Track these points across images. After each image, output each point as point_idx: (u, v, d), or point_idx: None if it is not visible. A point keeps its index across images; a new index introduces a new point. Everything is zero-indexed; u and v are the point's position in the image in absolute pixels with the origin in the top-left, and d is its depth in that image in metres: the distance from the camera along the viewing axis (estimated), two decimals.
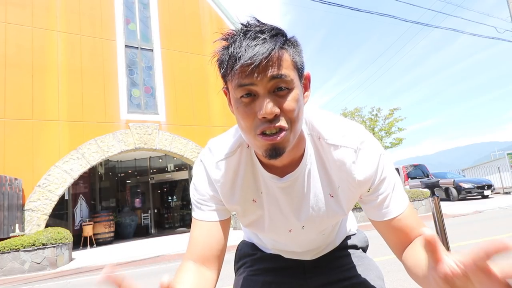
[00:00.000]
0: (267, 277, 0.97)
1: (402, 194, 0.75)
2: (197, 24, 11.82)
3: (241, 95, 0.63)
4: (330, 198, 0.77)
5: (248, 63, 0.58)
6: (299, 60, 0.65)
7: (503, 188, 15.03)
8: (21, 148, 8.26)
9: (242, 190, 0.77)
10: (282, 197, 0.77)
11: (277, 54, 0.60)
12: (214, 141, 0.80)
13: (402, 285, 3.20)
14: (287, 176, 0.74)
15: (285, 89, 0.62)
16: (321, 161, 0.75)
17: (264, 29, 0.61)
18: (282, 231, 0.82)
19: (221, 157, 0.76)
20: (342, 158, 0.71)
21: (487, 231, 5.62)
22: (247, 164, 0.77)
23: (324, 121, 0.75)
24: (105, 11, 10.21)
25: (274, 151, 0.64)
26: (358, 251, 1.03)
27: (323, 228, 0.85)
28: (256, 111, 0.62)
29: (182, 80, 11.08)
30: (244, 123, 0.64)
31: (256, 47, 0.59)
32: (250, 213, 0.80)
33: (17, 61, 8.60)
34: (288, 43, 0.64)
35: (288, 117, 0.63)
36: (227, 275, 4.38)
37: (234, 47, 0.60)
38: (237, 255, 1.11)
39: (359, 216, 8.66)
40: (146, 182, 13.84)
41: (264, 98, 0.61)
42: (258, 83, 0.60)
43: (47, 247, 6.70)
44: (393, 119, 18.81)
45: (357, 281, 0.92)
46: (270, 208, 0.79)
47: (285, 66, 0.61)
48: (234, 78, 0.62)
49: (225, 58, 0.63)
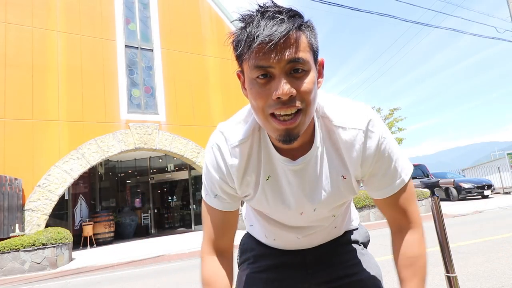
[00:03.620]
0: (269, 274, 0.97)
1: (405, 168, 0.78)
2: (197, 24, 11.82)
3: (257, 76, 0.62)
4: (343, 180, 0.77)
5: (266, 41, 0.58)
6: (315, 43, 0.65)
7: (503, 188, 15.03)
8: (21, 148, 8.26)
9: (251, 175, 0.78)
10: (295, 180, 0.77)
11: (295, 35, 0.60)
12: (226, 125, 0.80)
13: None
14: (300, 159, 0.74)
15: (302, 71, 0.62)
16: (333, 143, 0.76)
17: (282, 10, 0.61)
18: (292, 213, 0.82)
19: (235, 143, 0.76)
20: (351, 140, 0.72)
21: (487, 231, 5.62)
22: (257, 149, 0.77)
23: (331, 103, 0.76)
24: (105, 11, 10.21)
25: (288, 136, 0.64)
26: (359, 247, 1.03)
27: (335, 209, 0.86)
28: (271, 91, 0.61)
29: (182, 80, 11.08)
30: (257, 103, 0.64)
31: (274, 27, 0.58)
32: (255, 197, 0.81)
33: (17, 61, 8.60)
34: (305, 25, 0.64)
35: (304, 99, 0.62)
36: None
37: (252, 26, 0.60)
38: (240, 249, 1.11)
39: (358, 216, 8.66)
40: (146, 182, 13.84)
41: (280, 79, 0.60)
42: (275, 65, 0.60)
43: (47, 247, 6.70)
44: (393, 119, 18.82)
45: (357, 279, 0.93)
46: (276, 193, 0.80)
47: (302, 48, 0.61)
48: (250, 58, 0.61)
49: (242, 37, 0.62)
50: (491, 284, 2.93)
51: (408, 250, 0.80)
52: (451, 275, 1.36)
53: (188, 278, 4.63)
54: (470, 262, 3.69)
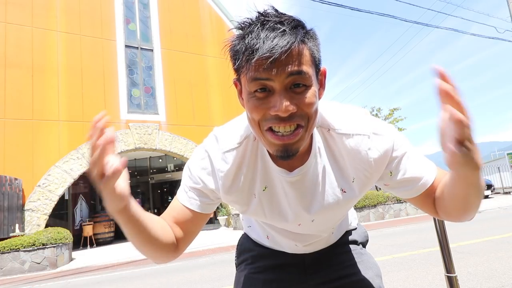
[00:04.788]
0: (268, 275, 0.97)
1: (427, 161, 0.75)
2: (197, 24, 11.82)
3: (255, 89, 0.59)
4: (342, 193, 0.74)
5: (267, 56, 0.54)
6: (317, 55, 0.62)
7: (503, 188, 15.03)
8: (21, 148, 8.26)
9: (243, 183, 0.75)
10: (291, 192, 0.74)
11: (297, 48, 0.57)
12: (220, 130, 0.78)
13: (402, 285, 3.20)
14: (297, 170, 0.72)
15: (303, 85, 0.59)
16: (332, 154, 0.73)
17: (284, 20, 0.58)
18: (290, 224, 0.81)
19: (227, 148, 0.73)
20: (356, 147, 0.70)
21: (487, 231, 5.62)
22: (251, 157, 0.74)
23: (332, 112, 0.73)
24: (105, 11, 10.21)
25: (286, 152, 0.61)
26: (358, 247, 1.03)
27: (334, 221, 0.84)
28: (270, 107, 0.58)
29: (182, 80, 11.08)
30: (253, 117, 0.61)
31: (275, 39, 0.55)
32: (251, 207, 0.79)
33: (17, 61, 8.60)
34: (307, 36, 0.60)
35: (305, 114, 0.60)
36: (226, 276, 4.39)
37: (251, 37, 0.56)
38: (238, 250, 1.11)
39: (359, 216, 8.65)
40: (146, 182, 13.85)
41: (280, 95, 0.57)
42: (275, 79, 0.57)
43: (47, 247, 6.70)
44: (393, 119, 18.83)
45: (356, 279, 0.93)
46: (273, 204, 0.78)
47: (304, 62, 0.58)
48: (249, 71, 0.58)
49: (240, 48, 0.58)
50: (491, 284, 2.93)
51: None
52: (451, 275, 1.36)
53: (188, 278, 4.63)
54: (470, 262, 3.69)
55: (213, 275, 4.63)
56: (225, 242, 7.78)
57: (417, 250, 4.69)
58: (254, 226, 1.01)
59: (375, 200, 9.28)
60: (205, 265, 5.45)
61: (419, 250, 4.68)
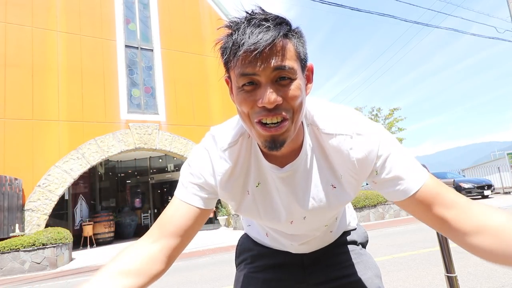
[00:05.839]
0: (267, 275, 0.97)
1: (417, 166, 0.69)
2: (197, 24, 11.83)
3: (243, 84, 0.62)
4: (332, 189, 0.76)
5: (252, 49, 0.58)
6: (302, 50, 0.65)
7: (503, 188, 15.02)
8: (21, 148, 8.26)
9: (238, 180, 0.77)
10: (283, 188, 0.76)
11: (281, 43, 0.60)
12: (217, 129, 0.80)
13: (402, 285, 3.20)
14: (287, 166, 0.74)
15: (288, 79, 0.61)
16: (322, 151, 0.75)
17: (269, 17, 0.61)
18: (283, 222, 0.81)
19: (224, 147, 0.75)
20: (338, 146, 0.71)
21: None
22: (245, 155, 0.76)
23: (319, 111, 0.75)
24: (105, 11, 10.21)
25: (273, 143, 0.64)
26: (357, 247, 1.03)
27: (326, 219, 0.85)
28: (257, 99, 0.61)
29: (182, 80, 11.08)
30: (243, 109, 0.64)
31: (260, 34, 0.58)
32: (244, 204, 0.80)
33: (17, 61, 8.61)
34: (292, 32, 0.63)
35: (290, 106, 0.62)
36: (226, 276, 4.39)
37: (238, 34, 0.60)
38: (238, 250, 1.11)
39: (359, 216, 8.65)
40: (146, 182, 13.84)
41: (266, 87, 0.60)
42: (261, 73, 0.60)
43: (47, 247, 6.70)
44: (393, 119, 18.85)
45: (355, 279, 0.93)
46: (266, 200, 0.79)
47: (288, 56, 0.61)
48: (236, 66, 0.61)
49: (228, 44, 0.62)
50: (491, 284, 2.93)
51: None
52: (451, 275, 1.36)
53: (188, 278, 4.63)
54: (470, 262, 3.69)
55: (213, 275, 4.63)
56: (225, 242, 7.78)
57: (417, 250, 4.69)
58: (254, 225, 1.02)
59: (375, 200, 9.28)
60: (205, 265, 5.45)
61: (419, 250, 4.68)
